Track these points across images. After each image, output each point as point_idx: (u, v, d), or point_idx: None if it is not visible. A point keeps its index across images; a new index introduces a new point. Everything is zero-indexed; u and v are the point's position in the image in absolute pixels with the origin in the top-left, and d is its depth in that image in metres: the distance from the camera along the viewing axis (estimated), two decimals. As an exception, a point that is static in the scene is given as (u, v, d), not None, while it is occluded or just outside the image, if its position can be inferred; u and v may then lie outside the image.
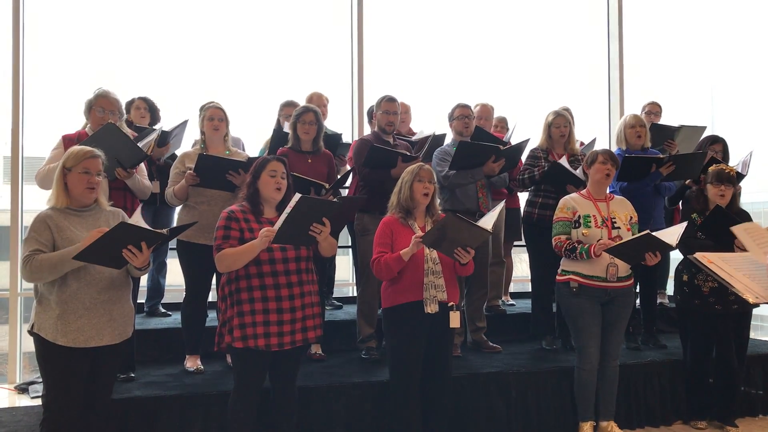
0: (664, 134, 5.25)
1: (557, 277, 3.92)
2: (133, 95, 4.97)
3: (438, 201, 3.73)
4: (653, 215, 4.61)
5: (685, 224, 3.80)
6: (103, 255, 2.80)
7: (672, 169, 4.53)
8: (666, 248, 3.65)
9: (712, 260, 2.37)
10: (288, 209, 2.95)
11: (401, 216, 3.52)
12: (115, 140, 3.61)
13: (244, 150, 4.93)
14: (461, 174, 4.41)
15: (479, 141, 4.51)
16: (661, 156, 4.61)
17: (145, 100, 4.98)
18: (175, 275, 4.94)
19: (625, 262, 3.75)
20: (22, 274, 2.85)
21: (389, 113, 4.40)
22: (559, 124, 4.70)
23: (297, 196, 2.95)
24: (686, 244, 3.99)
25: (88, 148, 3.01)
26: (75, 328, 2.83)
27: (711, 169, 4.12)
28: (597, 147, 5.35)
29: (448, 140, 4.83)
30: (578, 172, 4.42)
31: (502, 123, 5.88)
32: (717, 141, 4.97)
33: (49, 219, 2.86)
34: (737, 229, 2.67)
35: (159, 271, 5.14)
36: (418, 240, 3.30)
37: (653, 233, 3.57)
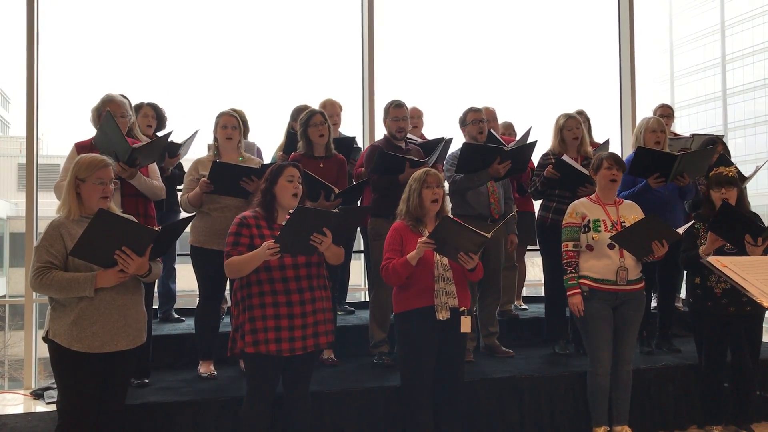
0: (676, 145, 5.20)
1: (569, 281, 3.92)
2: (143, 101, 4.92)
3: (449, 206, 3.73)
4: (670, 218, 4.55)
5: (692, 222, 3.94)
6: (96, 252, 2.81)
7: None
8: (672, 235, 3.68)
9: (726, 264, 2.35)
10: (286, 220, 2.97)
11: (411, 224, 3.52)
12: (112, 132, 3.59)
13: (261, 157, 4.95)
14: (467, 177, 4.40)
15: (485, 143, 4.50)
16: (675, 153, 4.55)
17: (153, 106, 4.91)
18: (188, 281, 4.97)
19: (632, 254, 3.75)
20: (31, 283, 2.87)
21: (399, 119, 4.41)
22: (571, 127, 4.65)
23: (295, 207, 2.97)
24: (681, 258, 4.08)
25: (100, 157, 3.03)
26: (90, 334, 2.86)
27: (711, 174, 4.09)
28: (610, 148, 5.33)
29: (458, 144, 4.82)
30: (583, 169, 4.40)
31: (509, 129, 5.88)
32: (716, 142, 4.93)
33: (62, 227, 2.89)
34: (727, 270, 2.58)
35: (168, 276, 5.15)
36: (423, 244, 3.30)
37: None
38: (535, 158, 4.86)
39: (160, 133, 4.90)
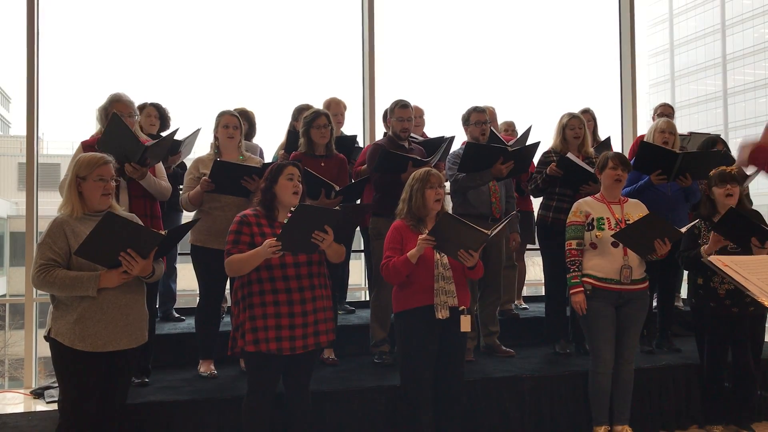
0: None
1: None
2: (146, 101, 4.90)
3: (449, 205, 3.72)
4: (674, 218, 4.50)
5: (696, 221, 3.95)
6: (101, 253, 2.81)
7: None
8: (674, 234, 3.68)
9: (727, 263, 2.34)
10: (287, 218, 2.97)
11: (412, 223, 3.52)
12: (121, 132, 3.57)
13: (263, 157, 4.94)
14: (470, 176, 4.40)
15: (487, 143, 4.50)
16: (677, 151, 4.54)
17: (156, 106, 4.91)
18: (188, 280, 4.97)
19: (634, 252, 3.75)
20: (34, 281, 2.87)
21: (403, 120, 4.41)
22: (574, 126, 4.65)
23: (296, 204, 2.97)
24: (682, 258, 4.08)
25: (100, 154, 3.03)
26: (92, 333, 2.86)
27: (712, 172, 4.07)
28: (611, 147, 5.32)
29: (458, 143, 4.81)
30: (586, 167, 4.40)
31: (511, 127, 5.87)
32: (715, 141, 4.92)
33: (65, 225, 2.88)
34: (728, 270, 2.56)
35: (169, 275, 5.15)
36: (424, 241, 3.29)
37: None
38: (535, 158, 4.86)
39: (164, 133, 4.90)
